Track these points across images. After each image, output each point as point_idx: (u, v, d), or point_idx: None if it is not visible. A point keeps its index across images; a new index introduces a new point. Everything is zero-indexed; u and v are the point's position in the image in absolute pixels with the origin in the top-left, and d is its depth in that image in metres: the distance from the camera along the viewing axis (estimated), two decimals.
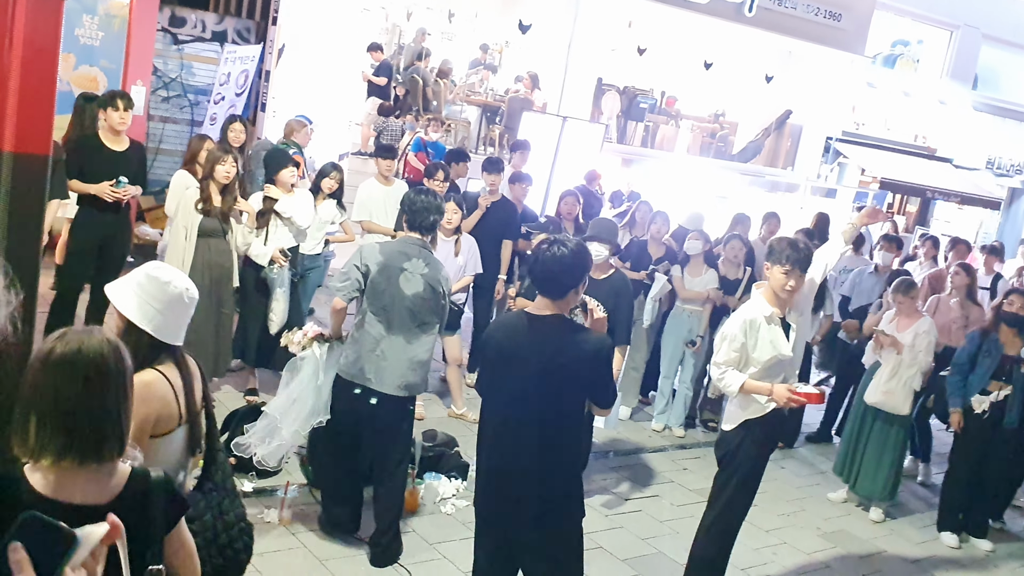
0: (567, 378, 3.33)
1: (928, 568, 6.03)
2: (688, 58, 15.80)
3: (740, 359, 4.52)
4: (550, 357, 3.32)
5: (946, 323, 7.33)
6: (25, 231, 2.25)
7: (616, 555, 5.35)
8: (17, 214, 2.21)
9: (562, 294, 3.38)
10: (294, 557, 4.64)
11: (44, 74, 2.17)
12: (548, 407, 3.34)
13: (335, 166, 6.97)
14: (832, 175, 17.52)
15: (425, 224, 4.72)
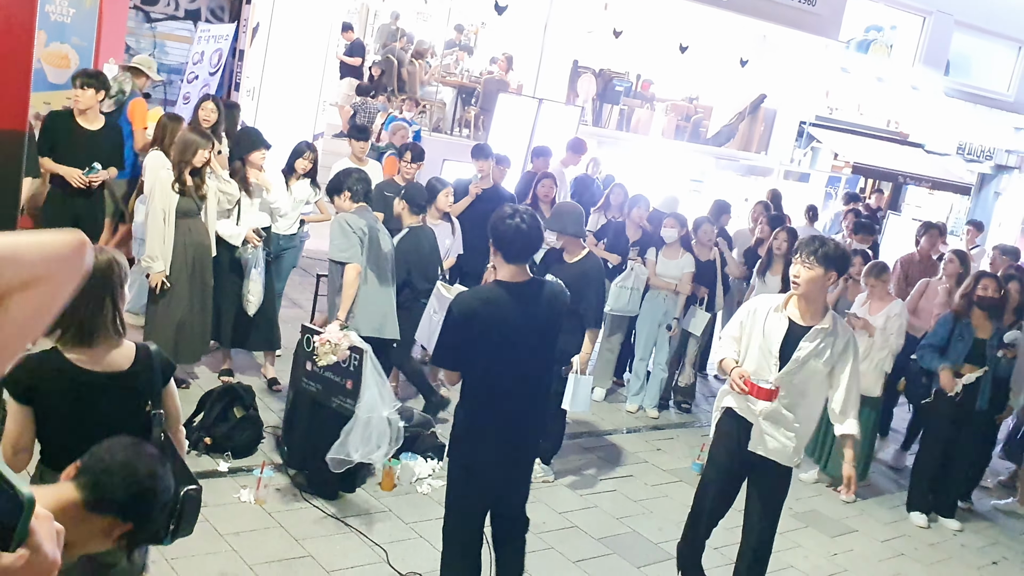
0: (554, 331, 3.83)
1: (898, 547, 6.15)
2: (664, 41, 15.80)
3: (740, 340, 4.43)
4: (542, 317, 3.76)
5: (932, 308, 7.39)
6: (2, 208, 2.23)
7: (591, 534, 5.40)
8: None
9: (530, 259, 3.87)
10: (270, 536, 4.65)
11: (20, 51, 2.14)
12: (541, 361, 3.84)
13: (309, 145, 6.92)
14: (805, 159, 17.63)
15: (363, 192, 5.48)
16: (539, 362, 3.82)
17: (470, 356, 3.73)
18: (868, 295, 6.71)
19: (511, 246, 3.68)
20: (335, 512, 4.99)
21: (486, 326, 3.66)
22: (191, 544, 4.37)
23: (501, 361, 3.70)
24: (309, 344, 5.07)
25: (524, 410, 3.79)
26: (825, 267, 4.08)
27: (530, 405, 3.82)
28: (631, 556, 5.25)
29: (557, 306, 3.83)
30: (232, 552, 4.43)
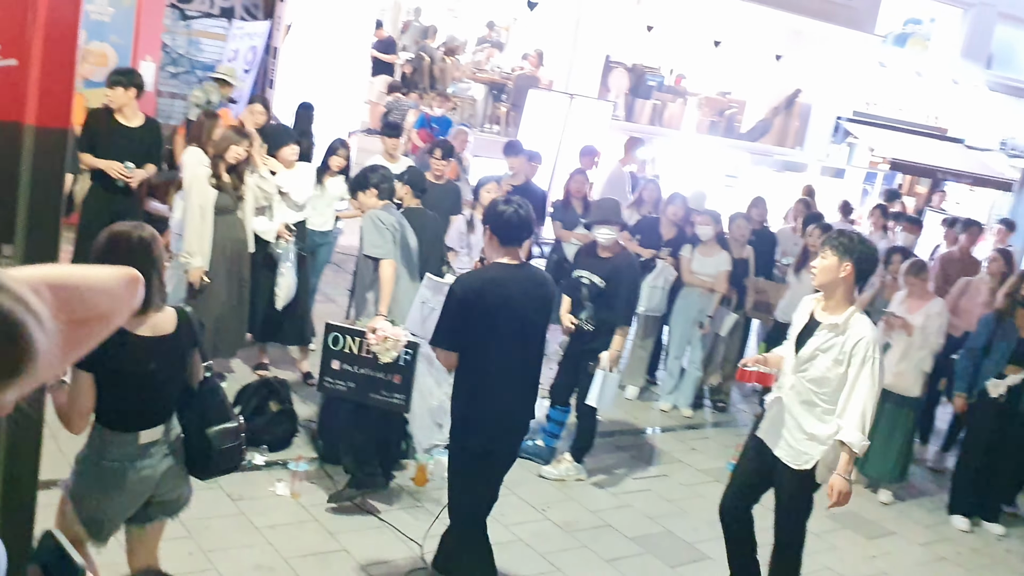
0: (546, 313, 4.03)
1: (939, 551, 6.05)
2: (697, 36, 15.69)
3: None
4: (537, 297, 3.95)
5: (973, 307, 7.27)
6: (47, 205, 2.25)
7: (624, 533, 5.38)
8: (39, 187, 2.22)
9: (521, 244, 3.98)
10: (305, 530, 4.68)
11: (66, 48, 2.17)
12: (537, 341, 4.05)
13: (342, 143, 6.95)
14: (841, 155, 17.43)
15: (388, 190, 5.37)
16: (536, 342, 4.06)
17: (472, 336, 3.83)
18: (907, 294, 6.61)
19: (506, 231, 3.89)
20: (369, 506, 5.01)
21: (491, 304, 3.81)
22: (227, 536, 4.42)
23: (504, 339, 3.85)
24: (337, 343, 4.96)
25: (523, 390, 4.03)
26: (840, 257, 3.99)
27: (528, 384, 4.06)
28: (665, 556, 5.22)
29: (548, 291, 4.05)
30: (268, 545, 4.46)
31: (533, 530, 5.17)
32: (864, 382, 4.00)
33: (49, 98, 2.15)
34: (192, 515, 4.53)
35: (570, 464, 5.93)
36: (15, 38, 2.08)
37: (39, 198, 2.23)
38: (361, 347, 4.93)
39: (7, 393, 1.07)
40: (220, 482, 4.89)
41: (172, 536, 4.33)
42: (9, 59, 2.07)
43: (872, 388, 4.00)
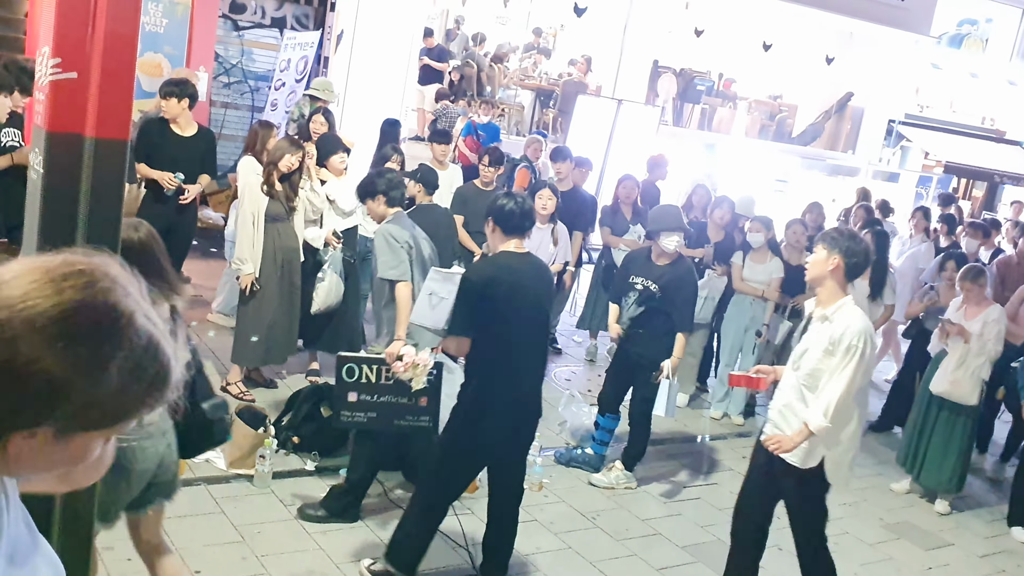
0: (549, 299, 4.31)
1: (998, 563, 5.90)
2: (746, 39, 15.56)
3: None
4: (542, 283, 4.22)
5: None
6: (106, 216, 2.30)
7: (674, 541, 5.33)
8: (99, 199, 2.26)
9: (525, 234, 4.22)
10: (356, 534, 4.70)
11: (124, 61, 2.21)
12: (543, 326, 4.30)
13: (395, 148, 7.02)
14: (894, 159, 17.15)
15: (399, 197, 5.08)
16: (544, 325, 4.33)
17: (489, 321, 4.01)
18: (964, 300, 6.46)
19: (508, 220, 4.14)
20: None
21: (505, 290, 4.02)
22: (280, 541, 4.47)
23: (519, 323, 4.06)
24: (352, 373, 4.62)
25: (536, 373, 4.28)
26: (828, 251, 4.05)
27: (539, 373, 4.31)
28: (716, 565, 5.14)
29: (549, 277, 4.43)
30: (319, 550, 4.49)
31: (583, 539, 5.14)
32: (845, 372, 3.98)
33: (108, 110, 2.20)
34: (245, 520, 4.61)
35: (620, 472, 5.90)
36: (75, 52, 2.13)
37: (99, 209, 2.28)
38: (379, 375, 4.63)
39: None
40: (273, 487, 4.96)
41: (225, 541, 4.40)
42: (70, 72, 2.12)
43: (851, 379, 3.97)
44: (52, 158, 2.21)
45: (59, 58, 2.13)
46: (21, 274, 1.10)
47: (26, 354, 1.04)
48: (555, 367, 8.08)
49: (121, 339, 1.09)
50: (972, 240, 8.11)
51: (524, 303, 4.07)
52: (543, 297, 4.22)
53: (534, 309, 4.13)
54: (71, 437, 1.11)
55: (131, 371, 1.10)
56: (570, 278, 7.66)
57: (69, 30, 2.10)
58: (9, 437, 1.07)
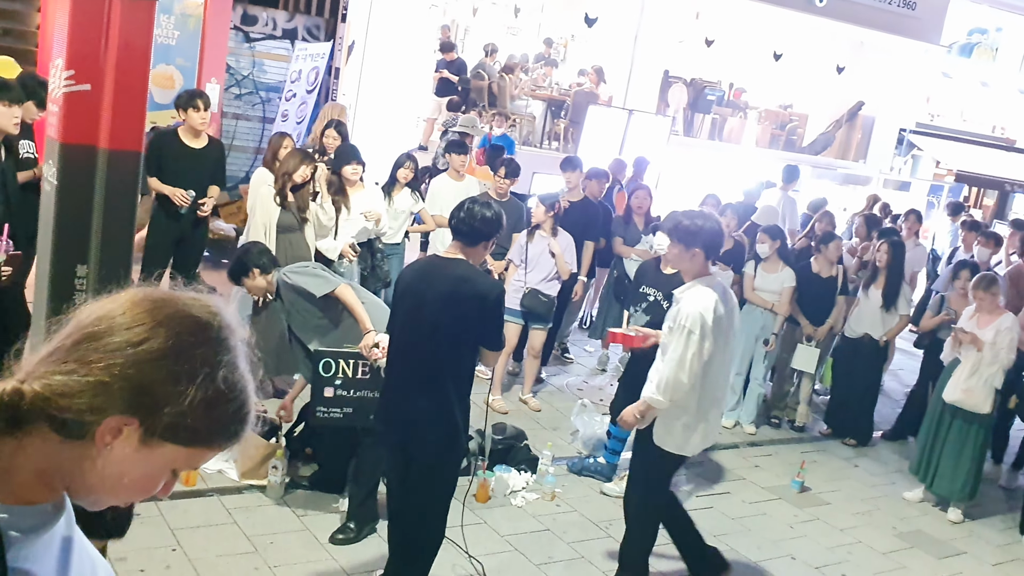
0: (454, 313, 3.72)
1: (1011, 572, 5.86)
2: (757, 49, 15.56)
3: None
4: (440, 291, 3.74)
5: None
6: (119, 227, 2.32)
7: None
8: (112, 210, 2.28)
9: (473, 243, 3.82)
10: (368, 545, 4.69)
11: (137, 73, 2.23)
12: (442, 337, 3.74)
13: (410, 156, 7.09)
14: (906, 168, 17.09)
15: (270, 261, 4.99)
16: (436, 339, 3.79)
17: (391, 322, 4.07)
18: (976, 308, 6.44)
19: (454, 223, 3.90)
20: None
21: (402, 289, 3.96)
22: (292, 552, 4.47)
23: (401, 326, 3.97)
24: (329, 369, 4.65)
25: (413, 383, 3.86)
26: (685, 246, 4.26)
27: (422, 383, 3.83)
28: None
29: (471, 294, 3.78)
30: (332, 560, 4.50)
31: (596, 548, 5.13)
32: (677, 350, 4.16)
33: (121, 122, 2.22)
34: (258, 531, 4.62)
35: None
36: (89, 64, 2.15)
37: (112, 219, 2.30)
38: (356, 370, 4.65)
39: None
40: (286, 498, 4.97)
41: (238, 551, 4.41)
42: (83, 84, 2.14)
43: (680, 357, 4.15)
44: (66, 170, 2.24)
45: (72, 70, 2.15)
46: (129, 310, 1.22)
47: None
48: (568, 377, 8.07)
49: (220, 364, 1.21)
50: (984, 249, 8.06)
51: (417, 306, 3.80)
52: (443, 303, 3.75)
53: (428, 316, 3.75)
54: (154, 445, 1.19)
55: (222, 397, 1.21)
56: (581, 288, 7.66)
57: (83, 42, 2.12)
58: (105, 418, 1.15)
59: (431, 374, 3.78)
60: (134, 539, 4.30)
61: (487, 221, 3.80)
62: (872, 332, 7.41)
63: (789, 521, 6.01)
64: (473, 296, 3.73)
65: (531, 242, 6.83)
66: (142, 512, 4.54)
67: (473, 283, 3.76)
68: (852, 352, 7.58)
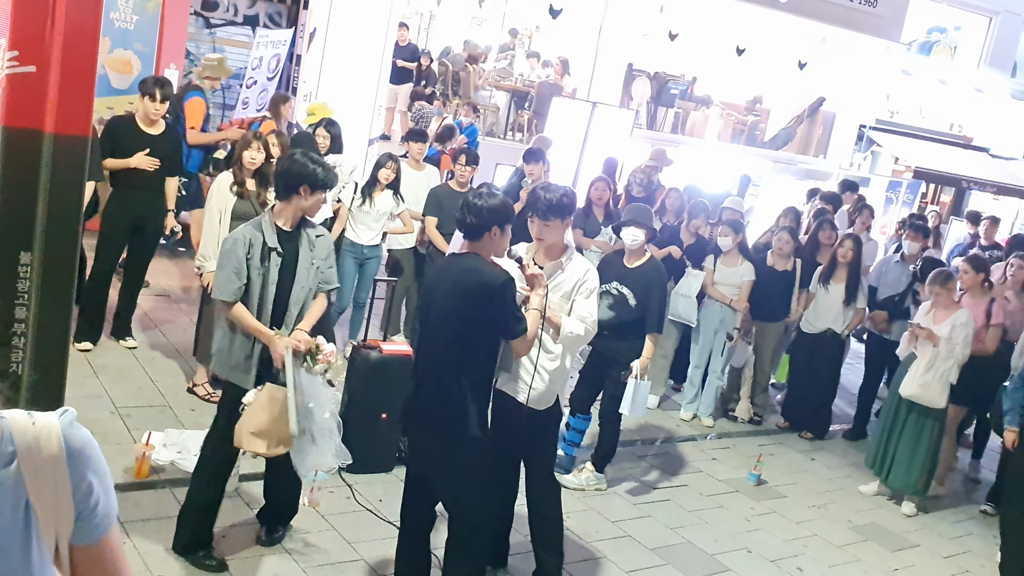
0: (466, 304, 3.74)
1: (962, 564, 5.97)
2: (720, 44, 15.62)
3: None
4: (452, 285, 3.78)
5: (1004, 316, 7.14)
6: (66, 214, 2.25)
7: (644, 544, 5.33)
8: (57, 195, 2.21)
9: (475, 235, 3.82)
10: (323, 539, 4.66)
11: (85, 55, 2.17)
12: (450, 330, 3.77)
13: (391, 156, 7.02)
14: (865, 163, 17.28)
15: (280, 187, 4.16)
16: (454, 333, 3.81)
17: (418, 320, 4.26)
18: (932, 304, 6.52)
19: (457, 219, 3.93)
20: (388, 516, 4.99)
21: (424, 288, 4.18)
22: (246, 545, 4.41)
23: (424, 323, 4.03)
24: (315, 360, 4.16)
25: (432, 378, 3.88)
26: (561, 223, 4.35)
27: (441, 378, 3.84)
28: (686, 567, 5.16)
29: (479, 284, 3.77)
30: (286, 554, 4.45)
31: None
32: (582, 311, 4.31)
33: (68, 105, 2.15)
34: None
35: (591, 474, 5.89)
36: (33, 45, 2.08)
37: (58, 206, 2.23)
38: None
39: None
40: (240, 490, 4.90)
41: None
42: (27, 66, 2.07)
43: (584, 315, 4.31)
44: (9, 154, 2.16)
45: (16, 51, 2.08)
46: None
47: None
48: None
49: None
50: (913, 243, 8.12)
51: (435, 302, 3.87)
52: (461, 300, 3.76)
53: (444, 311, 3.80)
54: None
55: None
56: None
57: (27, 21, 2.05)
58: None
59: (446, 370, 3.80)
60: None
61: (480, 211, 3.77)
62: (834, 326, 7.49)
63: (746, 514, 6.05)
64: (479, 286, 3.72)
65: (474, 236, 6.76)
66: None
67: (478, 273, 3.76)
68: (811, 347, 7.65)
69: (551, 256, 4.39)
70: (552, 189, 4.33)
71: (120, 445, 5.07)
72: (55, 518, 1.44)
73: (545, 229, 4.29)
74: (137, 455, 4.83)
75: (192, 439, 5.20)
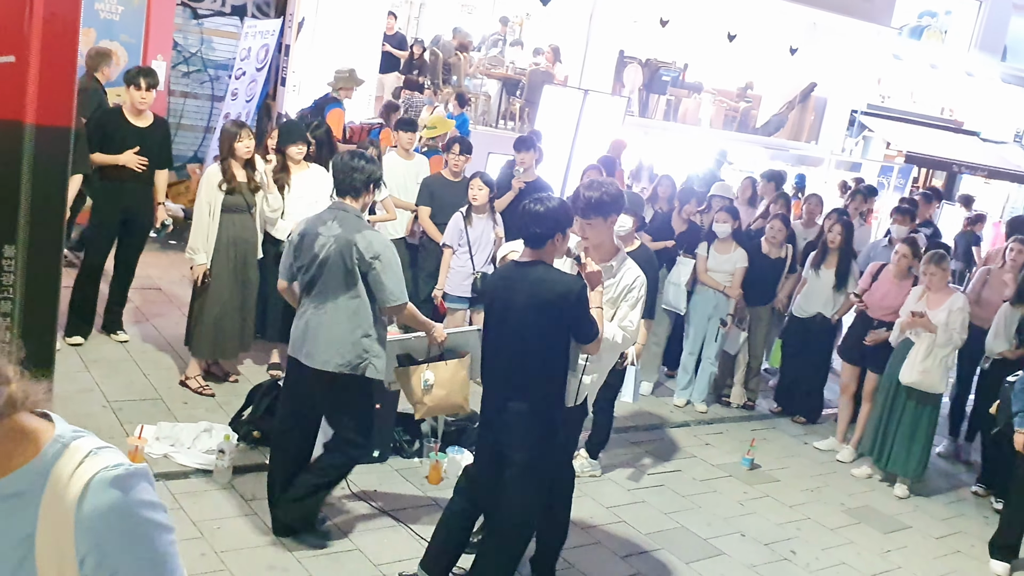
0: (547, 314, 3.78)
1: (953, 544, 5.99)
2: (711, 30, 15.59)
3: None
4: (528, 296, 3.81)
5: (997, 299, 7.14)
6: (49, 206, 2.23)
7: (639, 529, 5.34)
8: (40, 186, 2.20)
9: (539, 244, 3.86)
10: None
11: (66, 45, 2.15)
12: (529, 341, 3.83)
13: (372, 142, 6.94)
14: (857, 149, 17.30)
15: (345, 185, 4.39)
16: (530, 343, 3.90)
17: (484, 325, 4.19)
18: (927, 285, 6.47)
19: (519, 229, 4.02)
20: (383, 505, 4.99)
21: (491, 298, 4.11)
22: (239, 537, 4.41)
23: (495, 335, 4.08)
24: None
25: (508, 387, 3.96)
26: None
27: (517, 386, 3.95)
28: (680, 552, 5.18)
29: (555, 293, 3.87)
30: (280, 545, 4.45)
31: None
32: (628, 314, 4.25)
33: (49, 96, 2.13)
34: (204, 516, 4.55)
35: (585, 460, 5.90)
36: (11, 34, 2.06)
37: (40, 198, 2.21)
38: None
39: None
40: (233, 482, 4.90)
41: (183, 537, 4.33)
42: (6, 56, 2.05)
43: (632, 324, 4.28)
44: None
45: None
46: None
47: None
48: None
49: None
50: (901, 226, 8.11)
51: (509, 314, 3.89)
52: (536, 310, 3.80)
53: (520, 323, 3.83)
54: None
55: None
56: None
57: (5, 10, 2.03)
58: None
59: (522, 378, 3.87)
60: None
61: (543, 219, 3.82)
62: (824, 311, 7.49)
63: (739, 498, 6.07)
64: (553, 297, 3.78)
65: (470, 225, 6.70)
66: None
67: (551, 284, 3.81)
68: (803, 332, 7.65)
69: (600, 256, 4.21)
70: (595, 186, 4.15)
71: (113, 439, 5.06)
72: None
73: (588, 228, 4.15)
74: (130, 449, 4.82)
75: (185, 432, 5.20)
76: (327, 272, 4.28)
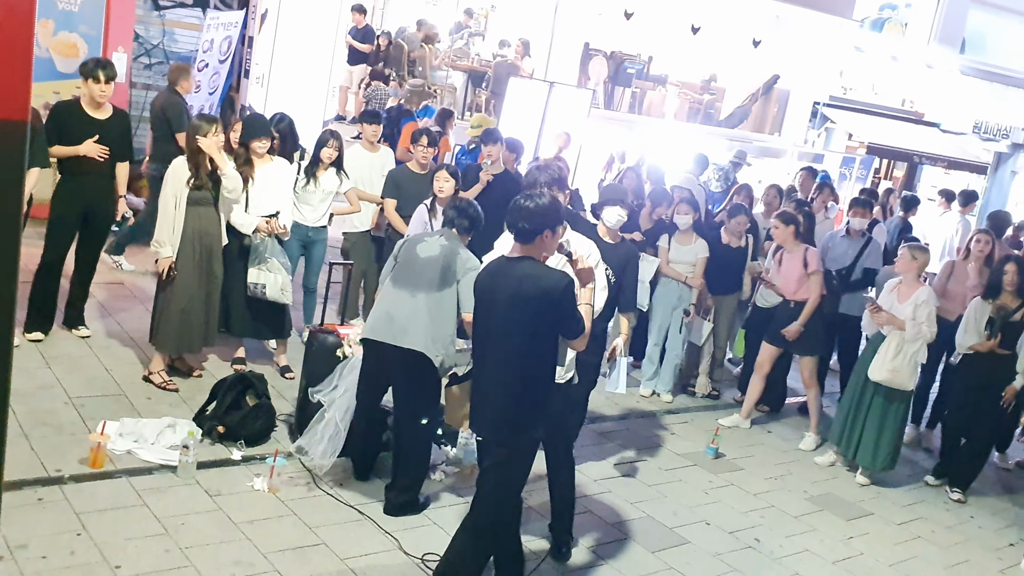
0: (532, 310, 3.78)
1: (914, 530, 6.10)
2: (676, 22, 15.64)
3: None
4: (507, 293, 3.81)
5: (962, 291, 7.22)
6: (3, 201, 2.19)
7: (605, 519, 5.38)
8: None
9: (528, 239, 3.85)
10: (283, 524, 4.64)
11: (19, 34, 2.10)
12: (514, 336, 3.82)
13: (333, 133, 6.84)
14: (819, 140, 17.45)
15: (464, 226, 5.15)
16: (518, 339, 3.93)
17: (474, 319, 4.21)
18: (900, 270, 6.51)
19: (508, 223, 3.96)
20: (348, 500, 4.99)
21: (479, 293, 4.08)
22: (205, 532, 4.39)
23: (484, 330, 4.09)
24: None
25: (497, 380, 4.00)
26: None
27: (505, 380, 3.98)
28: (646, 541, 5.22)
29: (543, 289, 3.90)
30: (246, 540, 4.43)
31: None
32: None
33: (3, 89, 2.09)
34: (168, 512, 4.52)
35: None
36: None
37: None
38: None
39: None
40: (198, 478, 4.87)
41: (147, 534, 4.31)
42: None
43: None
44: None
45: None
46: None
47: None
48: None
49: None
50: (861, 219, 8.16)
51: (496, 308, 3.88)
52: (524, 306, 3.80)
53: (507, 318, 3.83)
54: None
55: None
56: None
57: None
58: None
59: (507, 372, 3.87)
60: (35, 525, 4.16)
61: (532, 215, 3.82)
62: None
63: (704, 487, 6.13)
64: (538, 293, 3.77)
65: (435, 218, 6.66)
66: (44, 496, 4.40)
67: (536, 279, 3.80)
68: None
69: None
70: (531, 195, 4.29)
71: (75, 435, 5.01)
72: None
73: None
74: (92, 445, 4.76)
75: (148, 428, 5.15)
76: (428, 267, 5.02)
